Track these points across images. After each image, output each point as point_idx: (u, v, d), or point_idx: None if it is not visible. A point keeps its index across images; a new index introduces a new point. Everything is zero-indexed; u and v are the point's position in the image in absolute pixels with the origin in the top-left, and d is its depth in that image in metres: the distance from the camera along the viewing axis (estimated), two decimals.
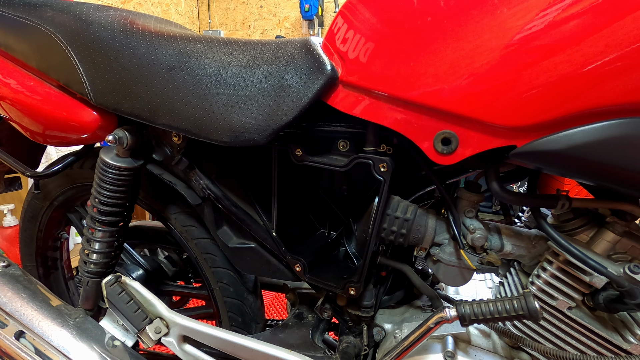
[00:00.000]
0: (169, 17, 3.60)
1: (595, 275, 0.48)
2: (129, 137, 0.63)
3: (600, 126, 0.37)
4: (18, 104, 0.67)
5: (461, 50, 0.41)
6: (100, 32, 0.60)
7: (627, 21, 0.34)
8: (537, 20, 0.37)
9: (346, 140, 0.58)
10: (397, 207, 0.55)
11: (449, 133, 0.44)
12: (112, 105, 0.61)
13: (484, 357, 0.58)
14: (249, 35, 3.98)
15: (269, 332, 0.73)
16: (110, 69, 0.59)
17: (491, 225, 0.57)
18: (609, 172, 0.39)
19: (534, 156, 0.40)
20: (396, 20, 0.45)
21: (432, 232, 0.56)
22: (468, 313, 0.49)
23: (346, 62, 0.49)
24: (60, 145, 0.72)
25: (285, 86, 0.52)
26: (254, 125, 0.53)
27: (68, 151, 0.76)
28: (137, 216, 2.05)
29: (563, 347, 0.54)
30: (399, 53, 0.45)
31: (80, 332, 0.69)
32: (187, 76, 0.56)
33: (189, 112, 0.56)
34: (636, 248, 0.50)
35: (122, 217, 0.70)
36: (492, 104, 0.40)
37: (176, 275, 0.96)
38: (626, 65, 0.35)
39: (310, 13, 3.41)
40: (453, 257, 0.56)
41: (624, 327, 0.52)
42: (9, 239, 1.64)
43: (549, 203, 0.51)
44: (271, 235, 0.66)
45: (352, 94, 0.50)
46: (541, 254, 0.55)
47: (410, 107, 0.46)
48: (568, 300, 0.52)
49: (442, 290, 0.75)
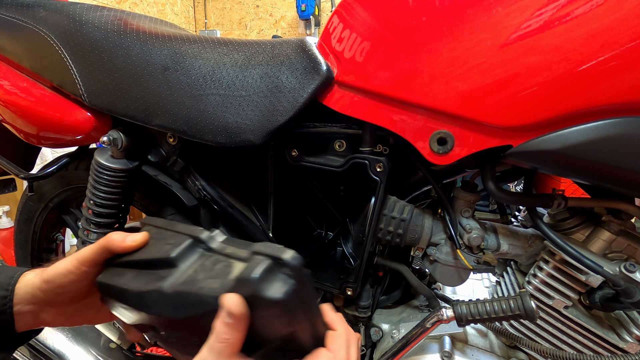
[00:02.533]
0: (165, 17, 3.59)
1: (591, 274, 0.48)
2: (123, 138, 0.63)
3: (595, 126, 0.37)
4: (11, 105, 0.66)
5: (456, 50, 0.41)
6: (94, 33, 0.60)
7: (622, 21, 0.34)
8: (532, 20, 0.37)
9: (342, 141, 0.58)
10: (393, 207, 0.55)
11: (445, 133, 0.44)
12: (106, 106, 0.60)
13: (481, 357, 0.58)
14: (246, 35, 3.97)
15: None
16: (104, 69, 0.59)
17: (487, 224, 0.57)
18: (604, 171, 0.39)
19: (530, 156, 0.40)
20: (392, 19, 0.45)
21: (428, 232, 0.56)
22: (465, 313, 0.48)
23: (342, 62, 0.49)
24: (54, 147, 0.72)
25: (280, 86, 0.51)
26: (250, 126, 0.52)
27: (63, 152, 0.75)
28: (134, 217, 2.04)
29: (560, 346, 0.54)
30: (395, 53, 0.45)
31: (76, 334, 0.68)
32: (182, 77, 0.55)
33: (184, 113, 0.55)
34: (632, 247, 0.50)
35: (118, 218, 0.69)
36: (488, 104, 0.40)
37: None
38: (621, 65, 0.35)
39: (307, 13, 3.40)
40: (450, 257, 0.56)
41: (620, 325, 0.52)
42: (4, 241, 1.63)
43: (545, 202, 0.51)
44: (267, 236, 0.65)
45: (347, 94, 0.50)
46: (537, 253, 0.55)
47: (406, 107, 0.46)
48: (564, 300, 0.52)
49: (439, 290, 0.75)
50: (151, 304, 0.37)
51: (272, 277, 0.31)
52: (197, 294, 0.33)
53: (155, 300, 0.37)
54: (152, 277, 0.38)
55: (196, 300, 0.34)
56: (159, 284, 0.36)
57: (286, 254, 0.31)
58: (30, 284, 0.41)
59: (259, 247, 0.33)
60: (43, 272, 0.42)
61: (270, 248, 0.32)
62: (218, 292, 0.32)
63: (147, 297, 0.37)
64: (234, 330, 0.31)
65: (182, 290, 0.35)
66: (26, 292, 0.41)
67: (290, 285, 0.30)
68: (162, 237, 0.42)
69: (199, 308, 0.34)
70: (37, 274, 0.42)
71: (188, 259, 0.38)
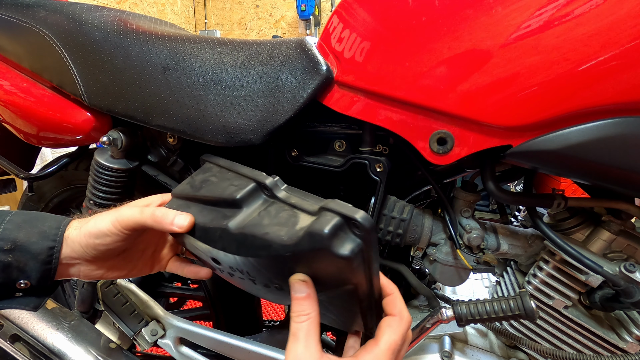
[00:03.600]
0: (165, 17, 3.59)
1: (591, 274, 0.48)
2: (123, 138, 0.63)
3: (595, 125, 0.37)
4: (11, 105, 0.66)
5: (456, 50, 0.41)
6: (94, 33, 0.60)
7: (622, 21, 0.34)
8: (532, 20, 0.37)
9: (342, 141, 0.58)
10: (393, 207, 0.55)
11: (445, 133, 0.44)
12: (106, 106, 0.60)
13: (481, 357, 0.58)
14: (246, 35, 3.97)
15: (266, 333, 0.73)
16: (104, 69, 0.59)
17: (487, 224, 0.57)
18: (604, 171, 0.39)
19: (530, 156, 0.40)
20: (392, 19, 0.45)
21: (428, 232, 0.56)
22: (465, 313, 0.48)
23: (342, 61, 0.49)
24: (54, 147, 0.72)
25: (280, 86, 0.51)
26: (249, 126, 0.52)
27: (63, 152, 0.75)
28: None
29: (560, 346, 0.54)
30: (395, 53, 0.45)
31: (75, 334, 0.68)
32: (182, 77, 0.55)
33: (184, 113, 0.55)
34: (632, 247, 0.50)
35: None
36: (488, 103, 0.40)
37: (173, 276, 0.95)
38: (621, 65, 0.35)
39: (307, 13, 3.41)
40: (450, 257, 0.56)
41: (620, 325, 0.52)
42: None
43: (545, 202, 0.51)
44: None
45: (347, 94, 0.50)
46: (537, 253, 0.55)
47: (406, 107, 0.46)
48: (564, 300, 0.52)
49: (439, 290, 0.75)
50: (216, 239, 0.40)
51: (342, 234, 0.32)
52: (263, 238, 0.36)
53: (220, 236, 0.40)
54: (217, 214, 0.41)
55: (262, 244, 0.36)
56: (225, 222, 0.39)
57: (358, 214, 0.32)
58: (71, 237, 0.42)
59: (329, 204, 0.34)
60: (82, 226, 0.43)
61: (341, 206, 0.33)
62: (285, 240, 0.34)
63: (212, 233, 0.40)
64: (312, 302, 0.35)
65: (248, 232, 0.38)
66: (67, 244, 0.42)
67: (357, 245, 0.32)
68: (225, 178, 0.45)
69: (263, 251, 0.36)
70: (77, 228, 0.43)
71: (252, 203, 0.40)
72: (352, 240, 0.32)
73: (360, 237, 0.32)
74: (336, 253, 0.32)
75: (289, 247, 0.34)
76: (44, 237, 0.41)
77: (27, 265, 0.39)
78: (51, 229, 0.42)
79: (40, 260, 0.40)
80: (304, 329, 0.34)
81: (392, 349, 0.36)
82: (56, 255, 0.41)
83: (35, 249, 0.40)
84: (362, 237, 0.32)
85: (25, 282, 0.40)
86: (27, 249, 0.39)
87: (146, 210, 0.42)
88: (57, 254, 0.41)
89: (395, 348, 0.37)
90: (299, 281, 0.35)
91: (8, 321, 0.69)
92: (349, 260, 0.32)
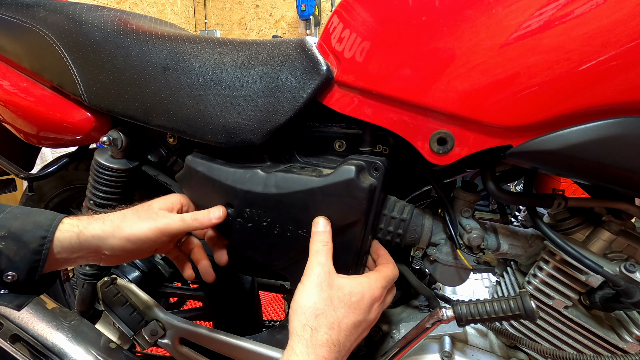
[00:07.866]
0: (165, 17, 3.59)
1: (591, 274, 0.48)
2: (123, 138, 0.63)
3: (595, 125, 0.37)
4: (11, 105, 0.66)
5: (456, 50, 0.41)
6: (94, 33, 0.60)
7: (622, 21, 0.34)
8: (532, 20, 0.37)
9: (342, 141, 0.58)
10: (393, 207, 0.55)
11: (445, 133, 0.44)
12: (106, 106, 0.60)
13: (481, 357, 0.58)
14: (246, 35, 3.97)
15: (266, 333, 0.73)
16: (104, 69, 0.59)
17: (487, 224, 0.57)
18: (605, 172, 0.39)
19: (530, 156, 0.40)
20: (392, 19, 0.45)
21: (428, 232, 0.56)
22: (465, 313, 0.48)
23: (342, 61, 0.49)
24: (54, 147, 0.72)
25: (280, 86, 0.51)
26: (249, 126, 0.52)
27: (63, 152, 0.75)
28: None
29: (560, 346, 0.54)
30: (395, 53, 0.44)
31: (75, 334, 0.68)
32: (182, 77, 0.55)
33: (184, 113, 0.55)
34: (632, 247, 0.50)
35: None
36: (488, 103, 0.40)
37: (173, 276, 0.95)
38: (621, 65, 0.34)
39: (307, 12, 3.41)
40: (450, 257, 0.56)
41: (621, 325, 0.52)
42: None
43: (545, 202, 0.51)
44: None
45: (347, 94, 0.50)
46: (537, 253, 0.55)
47: (406, 107, 0.46)
48: (564, 300, 0.52)
49: (439, 290, 0.75)
50: (245, 181, 0.50)
51: (365, 173, 0.46)
52: (295, 175, 0.48)
53: (250, 177, 0.50)
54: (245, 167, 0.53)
55: (295, 179, 0.48)
56: (255, 169, 0.51)
57: (377, 158, 0.47)
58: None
59: (353, 156, 0.50)
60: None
61: (362, 157, 0.49)
62: (315, 179, 0.47)
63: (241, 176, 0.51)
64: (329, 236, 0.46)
65: (280, 174, 0.49)
66: (70, 239, 0.44)
67: (375, 180, 0.46)
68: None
69: (296, 184, 0.47)
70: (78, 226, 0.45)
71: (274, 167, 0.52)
72: (372, 178, 0.46)
73: (376, 178, 0.46)
74: (360, 184, 0.44)
75: (320, 181, 0.46)
76: (38, 227, 0.42)
77: (17, 254, 0.40)
78: (46, 220, 0.43)
79: (30, 250, 0.41)
80: (325, 250, 0.44)
81: (388, 280, 0.47)
82: (47, 246, 0.41)
83: (27, 238, 0.41)
84: (378, 177, 0.46)
85: (12, 275, 0.40)
86: (20, 237, 0.40)
87: (186, 217, 0.48)
88: (48, 244, 0.42)
89: (388, 284, 0.47)
90: (322, 218, 0.46)
91: (8, 321, 0.68)
92: (368, 192, 0.44)
